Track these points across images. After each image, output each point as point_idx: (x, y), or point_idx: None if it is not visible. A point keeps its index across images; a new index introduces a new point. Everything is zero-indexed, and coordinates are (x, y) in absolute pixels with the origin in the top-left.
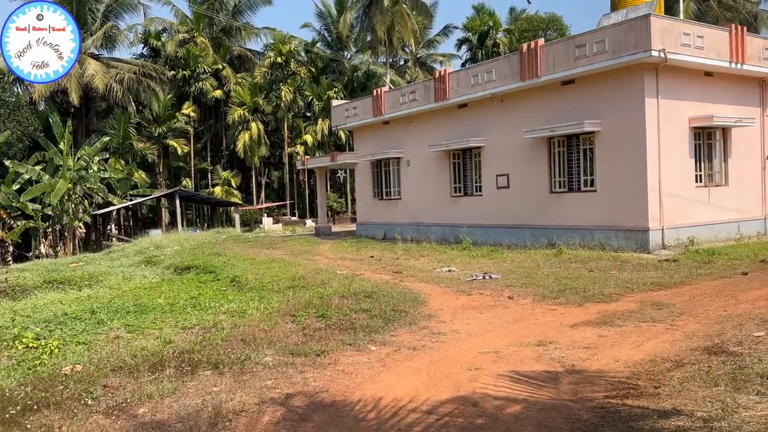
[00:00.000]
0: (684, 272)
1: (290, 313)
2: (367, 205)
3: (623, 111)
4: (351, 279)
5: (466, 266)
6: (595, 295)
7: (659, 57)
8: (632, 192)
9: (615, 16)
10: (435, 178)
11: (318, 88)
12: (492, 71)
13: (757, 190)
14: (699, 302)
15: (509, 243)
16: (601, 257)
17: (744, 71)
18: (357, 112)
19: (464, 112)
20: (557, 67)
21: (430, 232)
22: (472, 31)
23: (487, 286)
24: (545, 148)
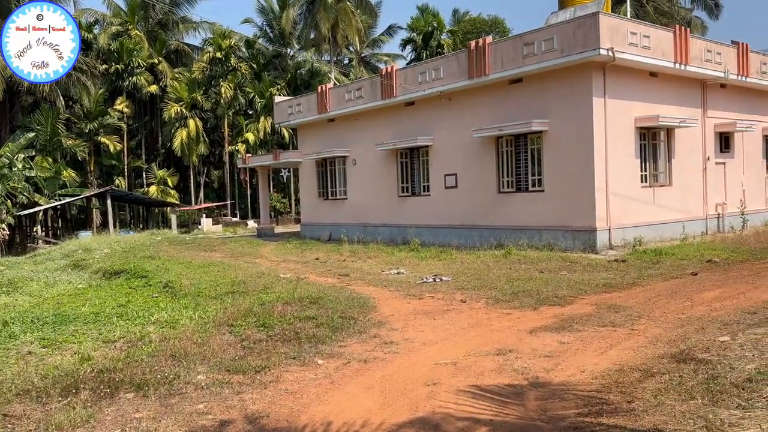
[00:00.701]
0: (634, 273)
1: (228, 322)
2: (312, 205)
3: (571, 110)
4: (295, 283)
5: (416, 268)
6: (549, 297)
7: (607, 56)
8: (580, 192)
9: (563, 14)
10: (382, 178)
11: (260, 85)
12: (440, 69)
13: (699, 190)
14: (655, 304)
15: (458, 244)
16: (550, 258)
17: (687, 72)
18: (301, 109)
19: (412, 110)
20: (506, 66)
21: (378, 233)
22: (416, 32)
23: (439, 289)
24: (493, 148)
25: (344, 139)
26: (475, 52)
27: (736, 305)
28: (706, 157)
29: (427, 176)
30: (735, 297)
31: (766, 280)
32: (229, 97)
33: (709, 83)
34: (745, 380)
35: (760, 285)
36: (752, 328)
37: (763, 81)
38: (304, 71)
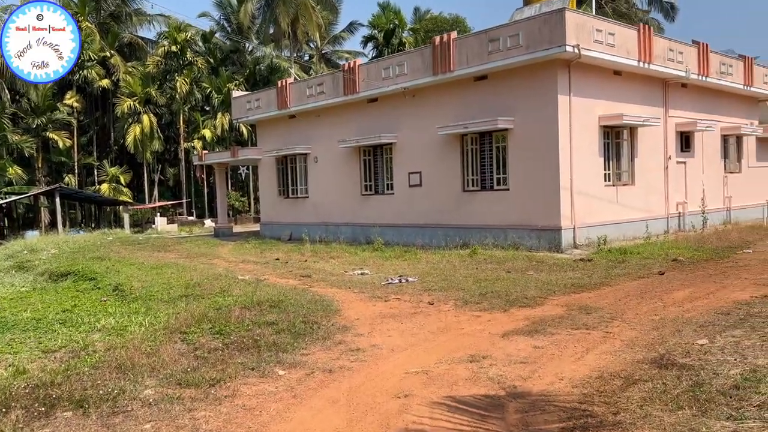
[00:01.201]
0: (601, 272)
1: (180, 329)
2: (272, 203)
3: (536, 108)
4: (254, 285)
5: (380, 269)
6: (519, 298)
7: (573, 53)
8: (545, 191)
9: (528, 11)
10: (345, 176)
11: (217, 80)
12: (404, 64)
13: (661, 189)
14: (626, 305)
15: (422, 243)
16: (516, 257)
17: (650, 71)
18: (260, 104)
19: (375, 106)
20: (471, 62)
21: (340, 232)
22: (378, 29)
23: (405, 291)
24: (458, 146)
25: (305, 136)
26: (440, 47)
27: (707, 305)
28: (667, 157)
29: (390, 174)
30: (705, 297)
31: (732, 279)
32: (184, 92)
33: (670, 83)
34: (731, 387)
35: (727, 284)
36: (729, 330)
37: (721, 81)
38: (263, 67)
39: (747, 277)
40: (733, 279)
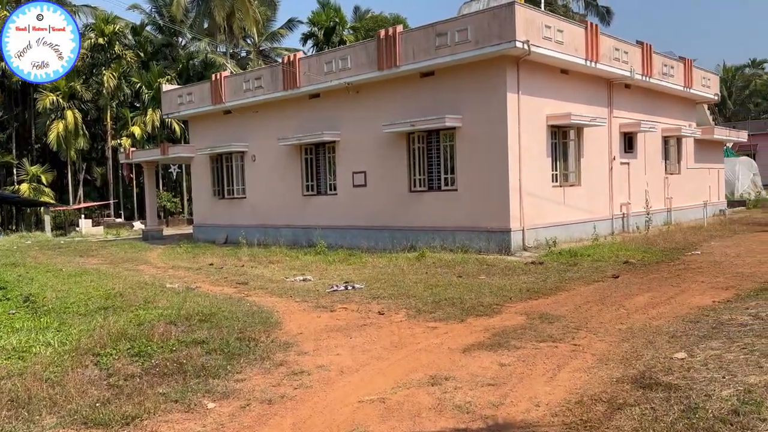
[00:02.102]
0: (555, 276)
1: (93, 350)
2: (206, 204)
3: (485, 106)
4: (184, 295)
5: (323, 274)
6: (475, 306)
7: (523, 49)
8: (494, 191)
9: (476, 5)
10: (285, 175)
11: (148, 74)
12: (347, 58)
13: (606, 190)
14: (588, 312)
15: (368, 246)
16: (466, 260)
17: (597, 70)
18: (193, 99)
19: (317, 102)
20: (417, 57)
21: (280, 235)
22: (317, 26)
23: (351, 299)
24: (404, 144)
25: (242, 133)
26: (385, 41)
27: (671, 312)
28: (612, 157)
29: (333, 174)
30: (666, 302)
31: (689, 283)
32: (112, 87)
33: (615, 83)
34: (730, 412)
35: (685, 288)
36: (704, 341)
37: (663, 82)
38: (197, 62)
39: (703, 281)
40: (689, 282)
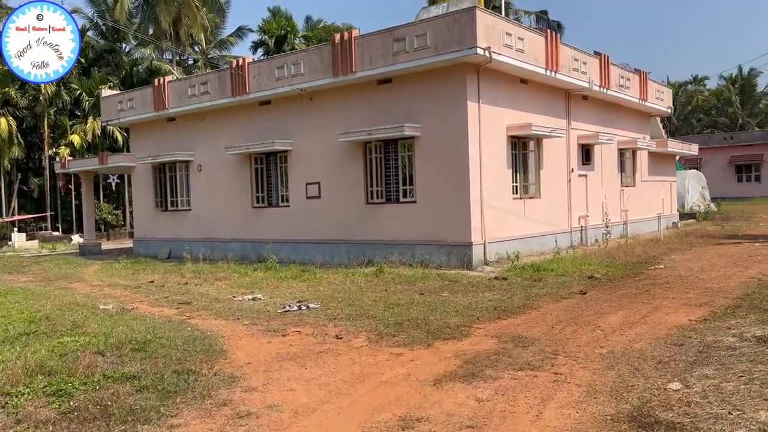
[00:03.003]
0: (520, 293)
1: (3, 388)
2: (148, 217)
3: (445, 115)
4: (117, 318)
5: (275, 292)
6: (441, 328)
7: (484, 56)
8: (454, 203)
9: (435, 10)
10: (233, 186)
11: (89, 81)
12: (300, 63)
13: (564, 203)
14: (562, 334)
15: (322, 261)
16: (426, 276)
17: (556, 80)
18: (134, 105)
19: (268, 110)
20: (374, 63)
21: (228, 249)
22: (268, 34)
23: (306, 320)
24: (361, 154)
25: (187, 141)
26: (340, 46)
27: (650, 333)
28: (570, 169)
29: (286, 185)
30: (641, 322)
31: (660, 300)
32: (50, 93)
33: (573, 94)
34: None
35: (657, 305)
36: (696, 367)
37: (620, 94)
38: (141, 69)
39: (674, 297)
40: (660, 299)
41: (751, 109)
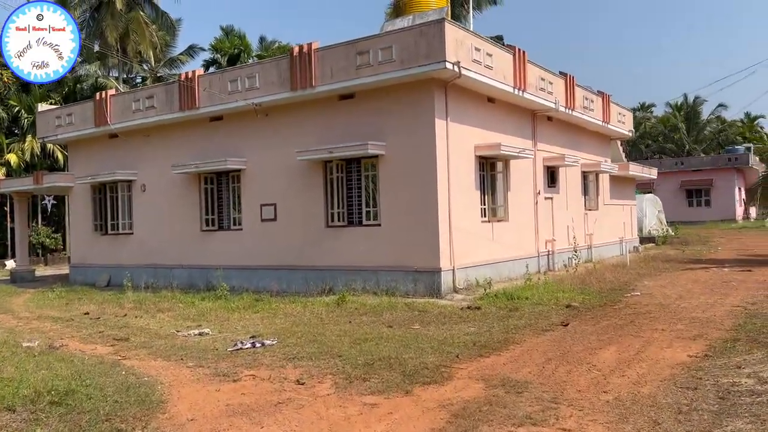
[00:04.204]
0: (498, 325)
1: None
2: (86, 241)
3: (411, 133)
4: (41, 359)
5: (225, 325)
6: (418, 369)
7: (453, 71)
8: (421, 227)
9: (400, 22)
10: (180, 208)
11: (28, 97)
12: (255, 77)
13: (531, 226)
14: (556, 375)
15: (278, 289)
16: (393, 305)
17: (523, 100)
18: (73, 120)
19: (220, 126)
20: (336, 77)
21: (173, 276)
22: (221, 53)
23: (261, 361)
24: (321, 174)
25: (130, 160)
26: (299, 58)
27: (653, 373)
28: (537, 192)
29: (238, 206)
30: (637, 359)
31: (649, 332)
32: None
33: (538, 114)
34: None
35: (648, 338)
36: (725, 419)
37: (585, 116)
38: (86, 86)
39: (663, 329)
40: (649, 331)
41: (696, 136)
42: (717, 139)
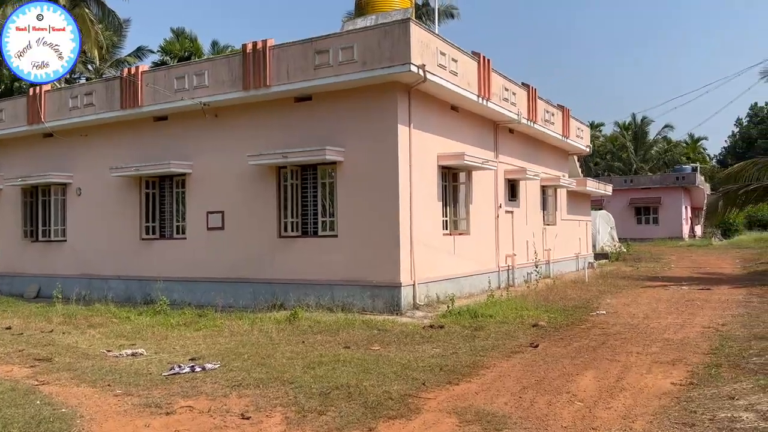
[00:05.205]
0: (464, 346)
1: None
2: (15, 248)
3: (372, 139)
4: None
5: (162, 344)
6: (381, 400)
7: (418, 75)
8: (381, 239)
9: (362, 22)
10: (118, 214)
11: None
12: (204, 74)
13: (492, 240)
14: (536, 407)
15: (224, 303)
16: (350, 323)
17: (486, 110)
18: (3, 117)
19: (164, 126)
20: (292, 77)
21: (109, 288)
22: (171, 55)
23: (200, 388)
24: (274, 180)
25: (66, 161)
26: (253, 56)
27: (640, 405)
28: (498, 205)
29: (182, 214)
30: (619, 387)
31: (624, 355)
32: None
33: (500, 126)
34: None
35: (625, 363)
36: None
37: (546, 129)
38: (25, 85)
39: (639, 352)
40: (623, 354)
41: (643, 155)
42: (663, 159)
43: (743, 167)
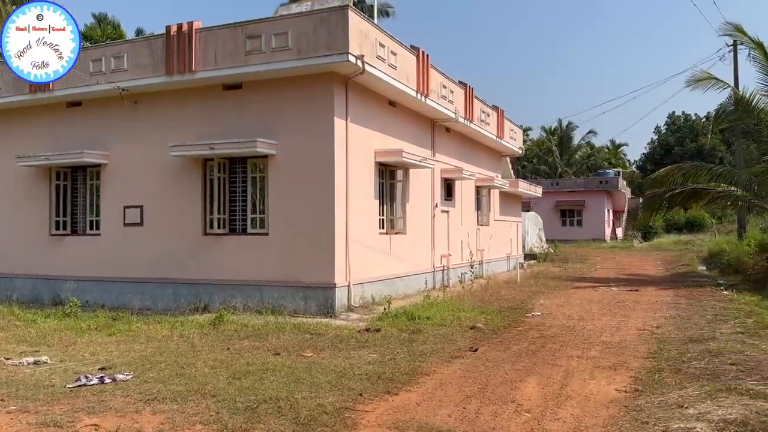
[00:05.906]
0: (402, 351)
1: None
2: None
3: (307, 132)
4: None
5: (69, 351)
6: (314, 415)
7: (356, 65)
8: (315, 237)
9: (296, 8)
10: (25, 207)
11: None
12: (123, 57)
13: (428, 240)
14: (482, 419)
15: (142, 305)
16: (281, 327)
17: (424, 107)
18: None
19: (78, 113)
20: (221, 63)
21: (13, 287)
22: (91, 41)
23: (109, 403)
24: (200, 173)
25: None
26: (177, 39)
27: (589, 415)
28: (434, 204)
29: (97, 208)
30: (564, 394)
31: (564, 359)
32: None
33: (437, 124)
34: None
35: (567, 368)
36: None
37: (481, 129)
38: None
39: (578, 356)
40: (563, 358)
41: (568, 159)
42: (586, 163)
43: (669, 171)
